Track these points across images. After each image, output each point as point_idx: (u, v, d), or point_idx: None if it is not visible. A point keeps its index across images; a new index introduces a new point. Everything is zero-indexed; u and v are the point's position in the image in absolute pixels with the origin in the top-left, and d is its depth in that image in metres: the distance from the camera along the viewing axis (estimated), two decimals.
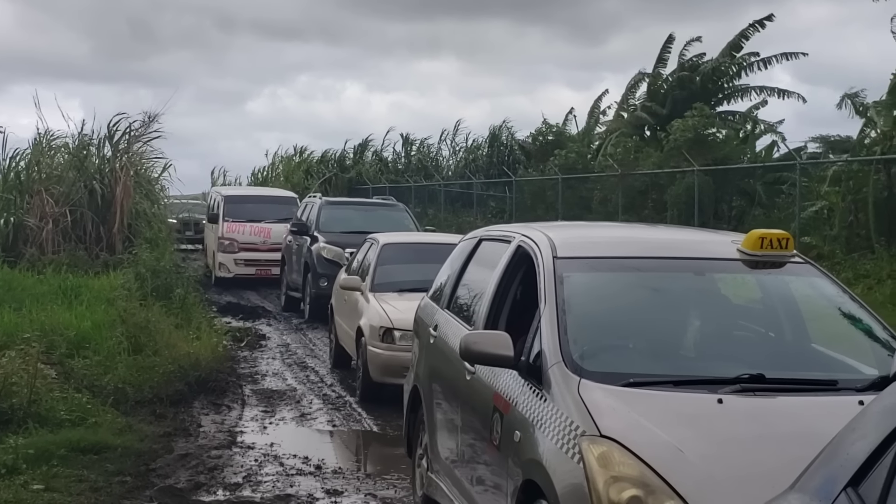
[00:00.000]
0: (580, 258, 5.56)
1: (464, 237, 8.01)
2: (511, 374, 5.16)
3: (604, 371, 4.71)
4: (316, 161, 46.53)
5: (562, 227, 7.43)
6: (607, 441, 4.22)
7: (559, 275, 5.28)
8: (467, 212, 33.03)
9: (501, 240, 6.54)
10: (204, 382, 11.32)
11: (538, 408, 4.75)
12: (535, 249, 5.66)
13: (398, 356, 10.58)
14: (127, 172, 21.19)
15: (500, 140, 39.25)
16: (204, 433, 9.62)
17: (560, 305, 5.07)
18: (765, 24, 27.42)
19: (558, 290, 5.17)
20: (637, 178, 24.35)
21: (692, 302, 5.66)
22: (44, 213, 19.34)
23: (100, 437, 8.69)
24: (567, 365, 4.72)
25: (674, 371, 4.91)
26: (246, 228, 22.41)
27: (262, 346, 15.14)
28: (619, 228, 8.53)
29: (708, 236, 6.94)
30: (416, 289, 11.71)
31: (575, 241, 5.93)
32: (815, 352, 5.40)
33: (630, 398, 4.51)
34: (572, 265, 5.42)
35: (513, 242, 6.12)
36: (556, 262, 5.39)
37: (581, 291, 5.35)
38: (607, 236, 6.63)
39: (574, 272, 5.37)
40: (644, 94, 30.49)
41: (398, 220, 18.96)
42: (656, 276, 5.64)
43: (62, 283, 14.69)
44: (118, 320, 12.02)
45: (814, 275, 5.68)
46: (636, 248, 5.89)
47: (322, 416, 10.62)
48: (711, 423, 4.37)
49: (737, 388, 4.56)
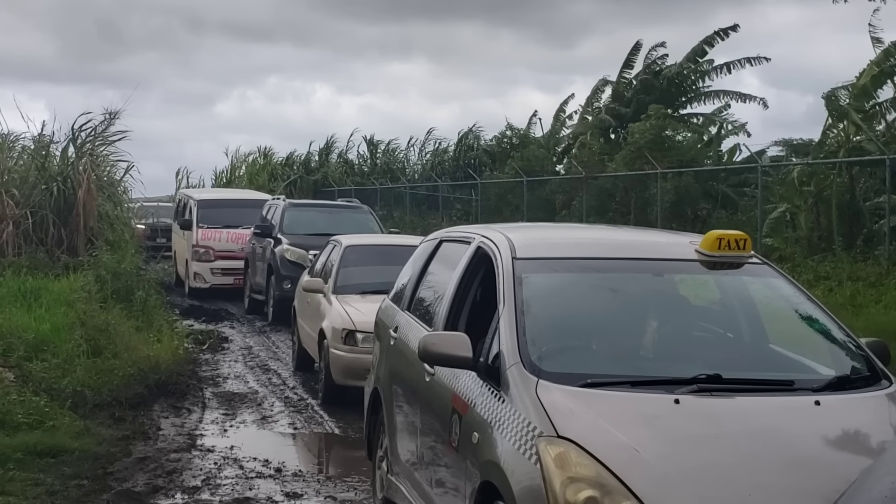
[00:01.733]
0: (539, 259, 5.53)
1: (425, 238, 7.96)
2: (470, 375, 5.13)
3: (562, 372, 4.68)
4: (281, 163, 46.32)
5: (522, 228, 7.38)
6: (564, 442, 4.21)
7: (518, 276, 5.26)
8: (433, 214, 33.04)
9: (462, 241, 6.51)
10: (164, 385, 11.24)
11: (496, 409, 4.73)
12: (494, 250, 5.63)
13: (360, 358, 10.51)
14: (90, 174, 20.95)
15: (468, 143, 39.27)
16: (163, 436, 9.54)
17: (519, 306, 5.04)
18: (729, 33, 27.66)
19: (517, 291, 5.15)
20: (604, 180, 24.41)
21: (651, 303, 5.65)
22: (3, 215, 19.12)
23: (57, 441, 8.60)
24: (525, 366, 4.69)
25: (632, 372, 4.91)
26: (222, 235, 21.28)
27: (225, 348, 15.05)
28: (580, 230, 8.52)
29: (667, 237, 6.95)
30: (379, 291, 11.62)
31: (534, 242, 5.90)
32: (772, 352, 5.41)
33: (588, 399, 4.49)
34: (531, 266, 5.39)
35: (473, 243, 6.09)
36: (515, 262, 5.36)
37: (540, 292, 5.32)
38: (567, 237, 6.62)
39: (533, 273, 5.34)
40: (609, 97, 30.64)
41: (362, 222, 18.90)
42: (615, 276, 5.60)
43: (21, 285, 14.53)
44: (77, 323, 11.91)
45: (771, 276, 5.68)
46: (595, 249, 5.86)
47: (283, 419, 10.56)
48: (668, 423, 4.36)
49: (694, 389, 4.56)
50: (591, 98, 31.58)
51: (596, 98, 31.39)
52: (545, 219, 24.60)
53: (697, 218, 22.60)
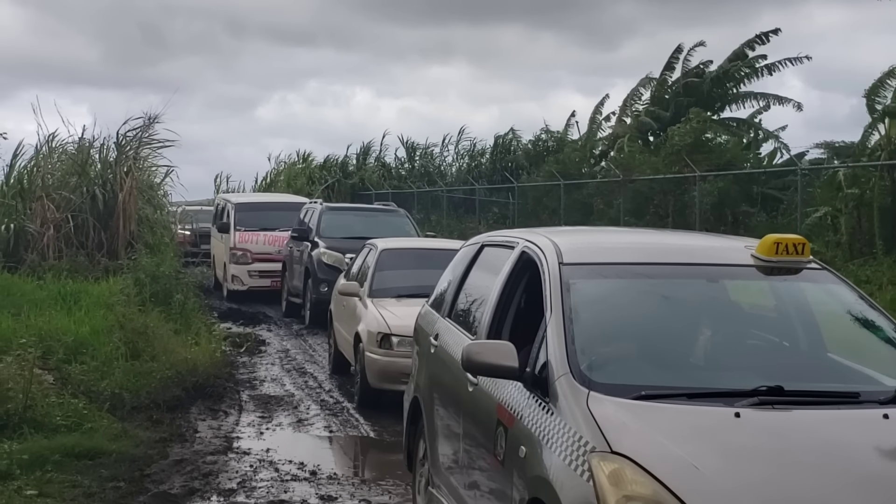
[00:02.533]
0: (587, 264, 5.30)
1: (465, 243, 7.80)
2: (515, 385, 4.94)
3: (614, 383, 4.47)
4: (318, 167, 46.48)
5: (567, 232, 7.11)
6: (619, 458, 4.01)
7: (565, 282, 5.05)
8: (470, 218, 33.02)
9: (504, 245, 6.33)
10: (201, 388, 11.31)
11: (544, 422, 4.53)
12: (539, 255, 5.44)
13: (396, 362, 10.57)
14: (131, 178, 21.13)
15: (505, 146, 39.25)
16: (200, 439, 9.60)
17: (567, 314, 4.85)
18: (770, 36, 27.46)
19: (565, 298, 4.95)
20: (641, 183, 24.30)
21: (704, 310, 5.42)
22: (45, 219, 19.33)
23: (95, 443, 8.67)
24: (575, 376, 4.50)
25: (687, 383, 4.65)
26: (259, 238, 21.41)
27: (262, 351, 15.13)
28: (627, 234, 8.09)
29: (720, 242, 6.62)
30: (414, 294, 11.53)
31: (582, 247, 5.68)
32: (832, 362, 5.19)
33: (642, 412, 4.28)
34: (579, 272, 5.18)
35: (516, 248, 5.91)
36: (563, 268, 5.16)
37: (589, 299, 5.11)
38: (615, 242, 6.33)
39: (581, 279, 5.13)
40: (648, 99, 30.52)
41: (399, 225, 18.91)
42: (667, 283, 5.37)
43: (62, 288, 14.69)
44: (116, 326, 12.01)
45: (831, 281, 5.45)
46: (646, 254, 5.65)
47: (319, 422, 10.59)
48: (728, 437, 4.15)
49: (754, 401, 4.33)
50: (628, 100, 31.44)
51: (635, 99, 31.25)
52: (582, 222, 24.52)
53: (738, 221, 22.42)
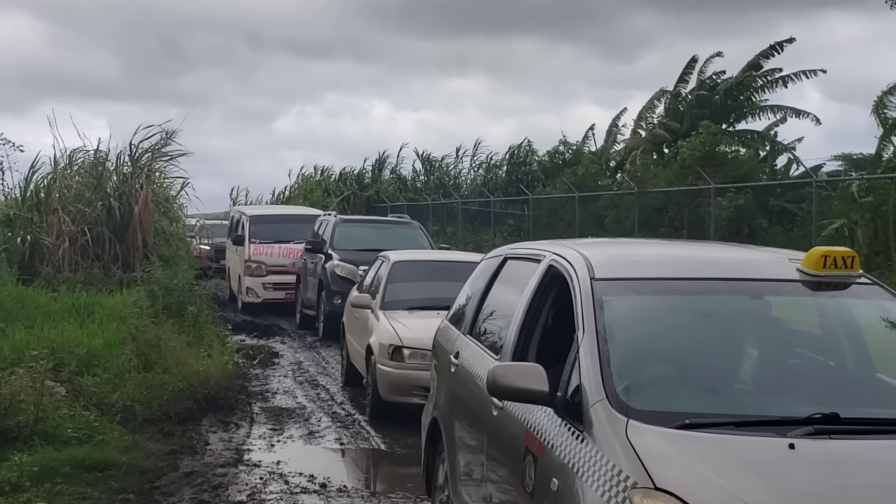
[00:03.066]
0: (621, 280, 4.95)
1: (486, 255, 7.55)
2: (545, 411, 4.61)
3: (655, 410, 4.11)
4: (335, 179, 46.62)
5: (596, 244, 6.67)
6: (663, 495, 3.68)
7: (598, 298, 4.71)
8: (485, 230, 33.01)
9: (529, 259, 6.00)
10: (213, 400, 11.32)
11: (578, 452, 4.18)
12: (569, 270, 5.11)
13: (407, 374, 10.65)
14: (146, 190, 21.22)
15: (520, 158, 39.25)
16: (210, 451, 9.60)
17: (601, 333, 4.50)
18: (784, 46, 27.41)
19: (598, 316, 4.60)
20: (653, 196, 24.26)
21: (748, 329, 5.05)
22: (60, 232, 19.41)
23: (105, 455, 8.68)
24: (612, 403, 4.15)
25: (734, 409, 4.30)
26: (274, 250, 21.49)
27: (275, 363, 15.13)
28: (660, 246, 7.56)
29: (762, 254, 6.11)
30: (426, 307, 11.82)
31: (614, 261, 5.30)
32: (885, 384, 4.84)
33: (687, 443, 3.91)
34: (612, 287, 4.83)
35: (543, 262, 5.58)
36: (594, 283, 4.82)
37: (623, 317, 4.75)
38: (649, 255, 5.85)
39: (614, 295, 4.78)
40: (662, 112, 30.50)
41: (412, 237, 18.92)
42: (707, 299, 4.99)
43: (75, 301, 14.72)
44: (129, 338, 12.03)
45: (883, 297, 5.08)
46: (683, 268, 5.23)
47: (330, 434, 10.58)
48: (783, 472, 3.79)
49: (809, 431, 3.96)
50: (643, 112, 31.43)
51: (649, 112, 31.23)
52: (597, 235, 24.46)
53: (754, 234, 22.35)
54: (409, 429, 10.40)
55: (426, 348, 10.59)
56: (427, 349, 10.63)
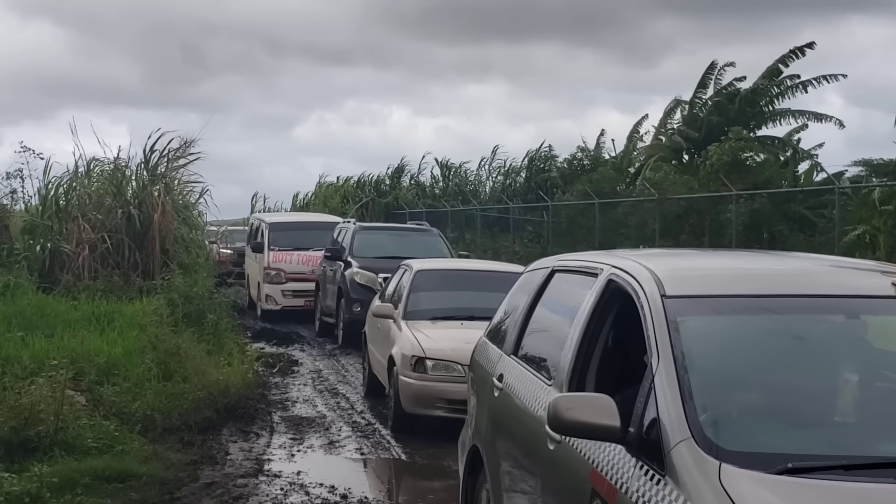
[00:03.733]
0: (696, 297, 4.39)
1: (529, 268, 6.99)
2: (614, 448, 4.05)
3: (750, 451, 3.55)
4: (353, 186, 46.67)
5: (658, 256, 6.06)
6: None
7: (672, 319, 4.16)
8: (504, 236, 32.93)
9: (583, 272, 5.46)
10: (233, 409, 11.27)
11: (658, 498, 3.63)
12: (633, 285, 4.56)
13: (430, 386, 10.53)
14: (164, 198, 21.24)
15: (539, 164, 39.17)
16: (231, 461, 9.54)
17: (678, 359, 3.94)
18: (805, 51, 27.26)
19: (674, 340, 4.05)
20: (674, 203, 24.15)
21: (845, 353, 4.47)
22: (80, 240, 19.42)
23: (125, 465, 8.63)
24: (699, 443, 3.58)
25: (840, 449, 3.73)
26: (293, 257, 21.56)
27: (295, 372, 15.09)
28: (731, 257, 6.67)
29: (852, 268, 5.46)
30: (450, 317, 11.83)
31: (686, 275, 4.74)
32: None
33: (792, 492, 3.37)
34: (687, 306, 4.27)
35: (601, 276, 5.02)
36: (666, 301, 4.27)
37: (703, 341, 4.20)
38: (723, 268, 5.22)
39: (690, 316, 4.23)
40: (679, 119, 30.38)
41: (432, 244, 18.88)
42: (797, 319, 4.41)
43: (95, 309, 14.71)
44: (149, 347, 12.00)
45: None
46: (765, 284, 4.67)
47: (351, 444, 10.51)
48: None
49: None
50: (663, 119, 31.31)
51: (669, 118, 31.13)
52: (616, 241, 24.33)
53: (774, 240, 22.20)
54: (429, 439, 10.37)
55: (449, 359, 10.55)
56: (450, 360, 10.53)
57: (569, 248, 25.60)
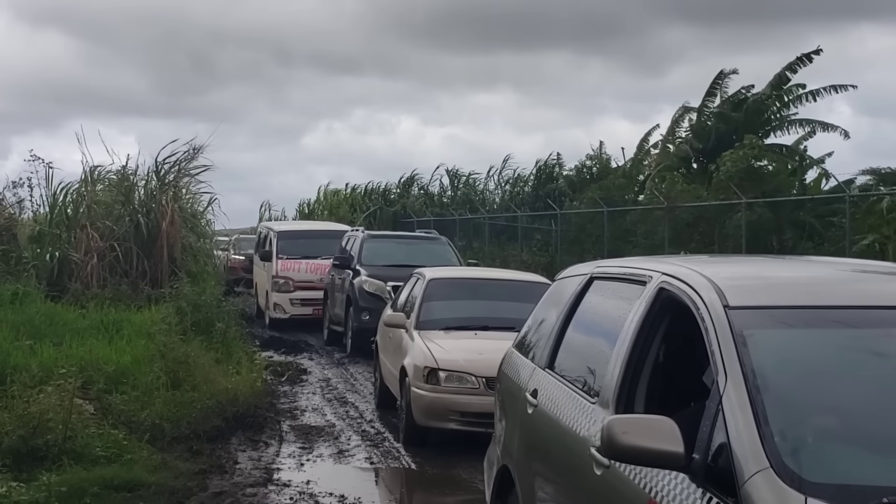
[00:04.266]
0: (763, 308, 3.96)
1: (562, 275, 6.57)
2: (677, 476, 3.65)
3: (839, 483, 3.18)
4: (361, 194, 46.70)
5: (710, 262, 5.48)
6: None
7: (738, 332, 3.74)
8: (512, 245, 32.87)
9: (628, 279, 5.06)
10: (242, 418, 11.20)
11: None
12: (691, 295, 4.15)
13: (443, 398, 10.26)
14: (173, 206, 21.27)
15: (548, 172, 39.14)
16: (240, 470, 9.49)
17: (749, 379, 3.53)
18: (812, 57, 27.20)
19: (742, 356, 3.63)
20: (684, 211, 24.09)
21: None
22: (88, 248, 19.43)
23: (134, 474, 8.58)
24: (779, 474, 3.19)
25: None
26: (301, 266, 21.50)
27: (303, 380, 15.04)
28: (794, 263, 6.02)
29: None
30: (463, 327, 11.60)
31: (748, 284, 4.30)
32: None
33: None
34: (753, 318, 3.85)
35: (650, 284, 4.63)
36: (730, 313, 3.85)
37: (776, 358, 3.77)
38: (786, 275, 4.75)
39: (759, 329, 3.80)
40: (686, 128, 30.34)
41: (440, 253, 18.84)
42: (878, 333, 3.96)
43: (104, 317, 14.68)
44: (157, 355, 11.96)
45: None
46: (838, 293, 4.21)
47: (360, 454, 10.45)
48: None
49: None
50: (672, 128, 31.26)
51: (677, 127, 31.07)
52: (625, 250, 24.26)
53: (783, 249, 22.12)
54: (439, 449, 10.31)
55: (463, 370, 10.28)
56: (464, 371, 10.27)
57: (577, 257, 25.57)
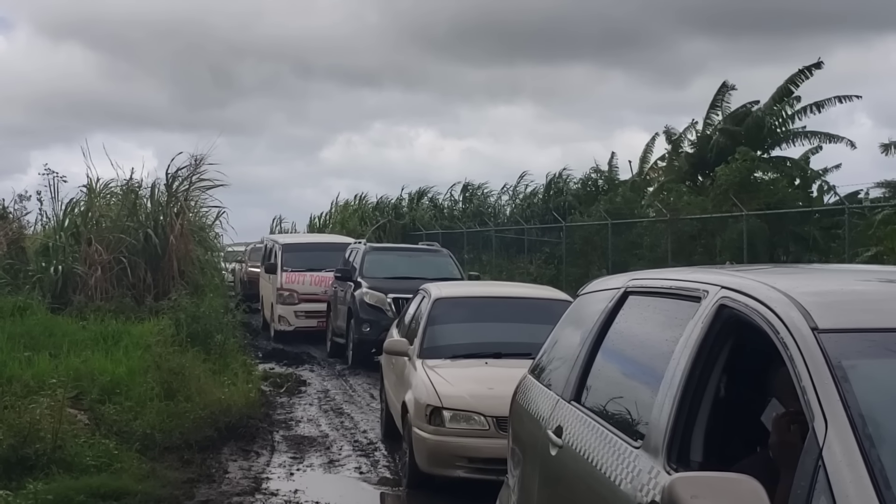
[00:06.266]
0: (864, 331, 3.09)
1: (588, 288, 5.73)
2: None
3: None
4: (371, 207, 46.89)
5: (778, 272, 4.53)
6: None
7: (836, 363, 2.91)
8: (521, 258, 32.95)
9: (674, 294, 4.22)
10: (234, 428, 11.31)
11: None
12: (764, 314, 3.30)
13: (448, 442, 8.78)
14: (182, 219, 21.44)
15: (558, 186, 39.26)
16: (228, 479, 9.58)
17: (858, 426, 2.70)
18: (813, 71, 27.24)
19: (846, 395, 2.80)
20: (686, 223, 24.15)
21: None
22: (93, 261, 19.59)
23: (122, 483, 8.68)
24: None
25: None
26: (306, 278, 21.64)
27: (302, 392, 15.14)
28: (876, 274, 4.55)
29: None
30: (473, 354, 10.12)
31: (840, 300, 3.41)
32: None
33: None
34: (854, 345, 3.01)
35: (705, 300, 3.78)
36: (822, 338, 3.00)
37: (885, 397, 2.92)
38: (884, 291, 3.73)
39: (860, 359, 2.97)
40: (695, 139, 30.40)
41: (442, 265, 18.94)
42: None
43: (104, 329, 14.82)
44: (153, 366, 12.08)
45: None
46: None
47: (350, 463, 10.53)
48: None
49: None
50: (677, 141, 31.31)
51: (682, 140, 31.14)
52: (630, 262, 24.30)
53: (785, 262, 22.15)
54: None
55: (471, 409, 8.80)
56: (472, 410, 8.77)
57: (583, 269, 25.67)
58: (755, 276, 3.75)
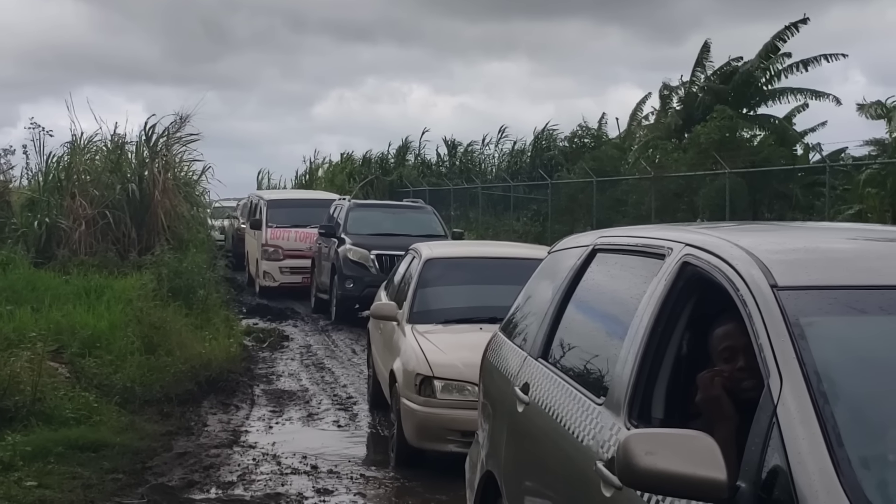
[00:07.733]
0: (823, 289, 3.06)
1: (557, 246, 5.69)
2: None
3: None
4: (359, 164, 46.78)
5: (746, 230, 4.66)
6: None
7: (794, 321, 2.88)
8: (507, 215, 33.01)
9: (640, 251, 4.22)
10: (215, 382, 11.42)
11: None
12: (724, 270, 3.29)
13: (439, 414, 8.20)
14: (164, 174, 21.41)
15: (545, 142, 39.23)
16: (207, 432, 9.70)
17: (813, 383, 2.69)
18: (799, 27, 27.21)
19: (802, 352, 2.78)
20: (671, 181, 24.21)
21: None
22: (77, 216, 19.59)
23: (100, 435, 8.81)
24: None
25: None
26: (291, 234, 21.67)
27: (284, 346, 15.24)
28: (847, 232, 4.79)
29: None
30: (466, 319, 9.44)
31: (801, 258, 3.36)
32: None
33: None
34: (811, 302, 2.99)
35: (669, 257, 3.76)
36: (780, 295, 2.98)
37: (845, 355, 2.90)
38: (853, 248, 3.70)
39: (818, 316, 2.96)
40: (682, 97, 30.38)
41: (426, 222, 18.99)
42: None
43: (86, 283, 14.87)
44: (134, 320, 12.15)
45: None
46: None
47: (329, 417, 10.65)
48: None
49: None
50: (664, 99, 31.29)
51: (669, 98, 31.11)
52: (615, 219, 24.40)
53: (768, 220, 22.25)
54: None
55: (464, 379, 8.10)
56: (466, 381, 8.04)
57: (568, 227, 25.72)
58: (720, 234, 3.73)
